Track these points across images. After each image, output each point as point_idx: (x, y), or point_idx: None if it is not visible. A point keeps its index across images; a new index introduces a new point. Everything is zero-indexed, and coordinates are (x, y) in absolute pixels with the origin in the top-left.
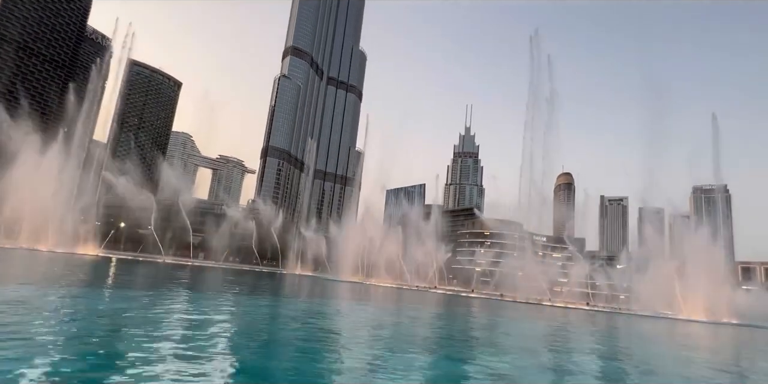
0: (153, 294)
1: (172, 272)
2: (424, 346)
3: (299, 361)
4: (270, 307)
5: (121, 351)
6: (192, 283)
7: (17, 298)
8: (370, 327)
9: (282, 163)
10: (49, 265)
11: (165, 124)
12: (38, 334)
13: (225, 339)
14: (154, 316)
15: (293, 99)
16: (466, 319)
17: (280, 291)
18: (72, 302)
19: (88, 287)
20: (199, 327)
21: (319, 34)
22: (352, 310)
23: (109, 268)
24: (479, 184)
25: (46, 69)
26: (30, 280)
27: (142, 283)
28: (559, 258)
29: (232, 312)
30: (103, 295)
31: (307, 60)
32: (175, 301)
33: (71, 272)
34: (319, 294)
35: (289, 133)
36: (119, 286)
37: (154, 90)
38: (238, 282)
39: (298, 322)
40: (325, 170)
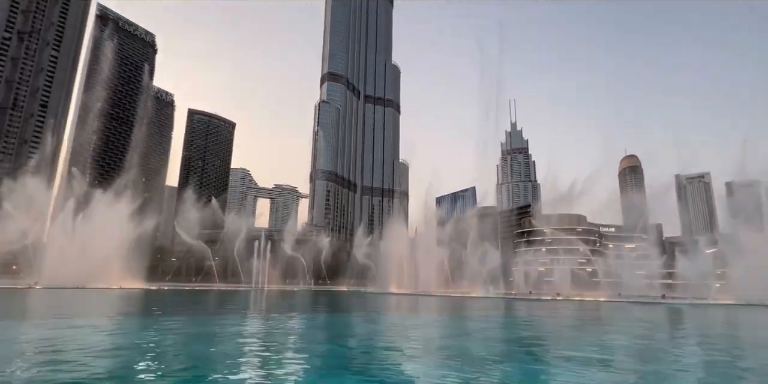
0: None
1: (272, 298)
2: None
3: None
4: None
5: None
6: (326, 305)
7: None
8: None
9: (330, 185)
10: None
11: (224, 163)
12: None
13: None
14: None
15: (334, 122)
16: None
17: (410, 308)
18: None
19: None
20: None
21: (352, 56)
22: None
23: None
24: (533, 180)
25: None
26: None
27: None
28: (632, 248)
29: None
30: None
31: (343, 82)
32: (362, 321)
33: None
34: (455, 310)
35: (334, 155)
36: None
37: (213, 133)
38: (334, 301)
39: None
40: (372, 185)
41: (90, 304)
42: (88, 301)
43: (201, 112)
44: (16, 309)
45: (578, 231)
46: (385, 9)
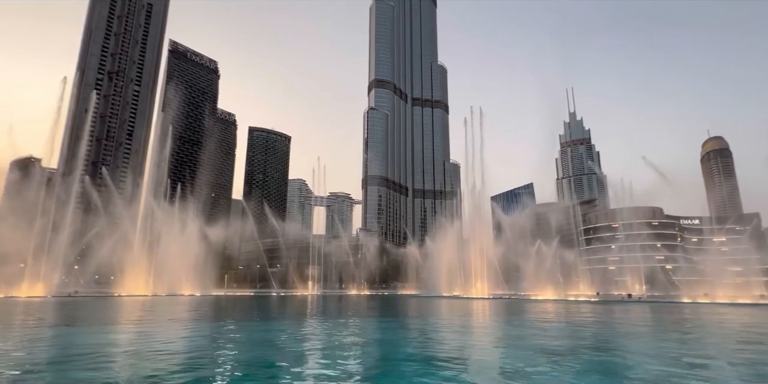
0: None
1: (342, 302)
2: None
3: None
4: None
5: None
6: (382, 309)
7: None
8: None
9: (381, 190)
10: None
11: (283, 175)
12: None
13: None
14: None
15: (383, 128)
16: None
17: (485, 312)
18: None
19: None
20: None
21: (397, 60)
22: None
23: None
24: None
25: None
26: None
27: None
28: (723, 242)
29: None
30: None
31: (389, 88)
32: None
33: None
34: (548, 314)
35: (384, 160)
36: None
37: (271, 148)
38: (397, 306)
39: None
40: (423, 188)
41: (182, 310)
42: (179, 307)
43: (260, 128)
44: (121, 315)
45: (654, 225)
46: (429, 10)
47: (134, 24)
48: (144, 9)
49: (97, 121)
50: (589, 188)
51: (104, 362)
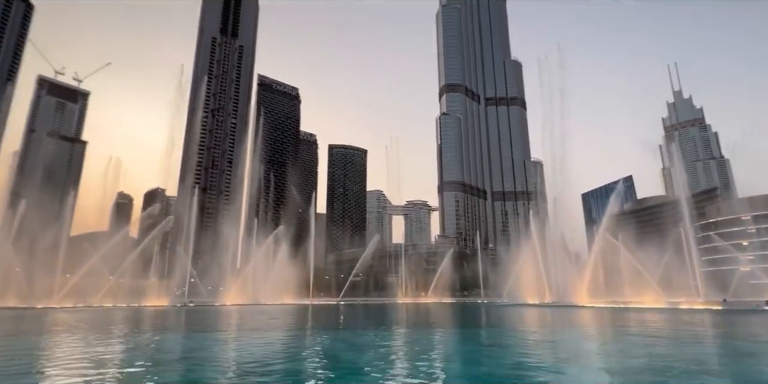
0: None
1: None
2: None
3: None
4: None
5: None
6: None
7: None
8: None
9: (458, 195)
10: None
11: (361, 187)
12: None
13: None
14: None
15: (456, 132)
16: None
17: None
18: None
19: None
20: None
21: (467, 62)
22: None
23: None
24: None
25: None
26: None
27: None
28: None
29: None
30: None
31: (461, 91)
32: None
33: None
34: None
35: (459, 165)
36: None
37: (349, 162)
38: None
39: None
40: (503, 190)
41: (293, 318)
42: (286, 315)
43: (338, 145)
44: (250, 322)
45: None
46: (498, 6)
47: (230, 65)
48: (237, 51)
49: (204, 153)
50: (706, 176)
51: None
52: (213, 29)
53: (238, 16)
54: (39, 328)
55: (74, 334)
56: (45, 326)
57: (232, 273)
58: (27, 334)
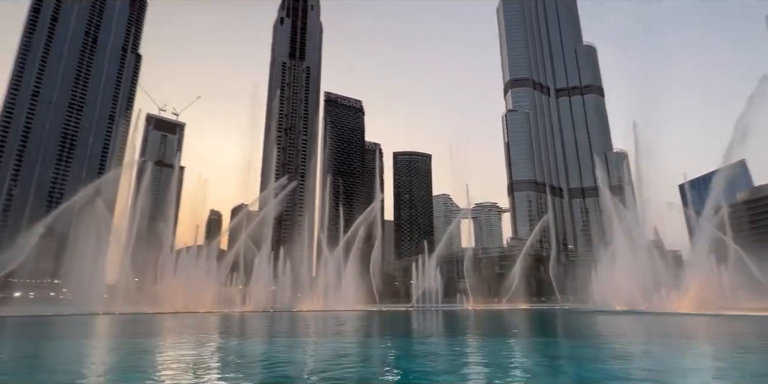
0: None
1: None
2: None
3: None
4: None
5: None
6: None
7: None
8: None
9: (531, 195)
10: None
11: (427, 192)
12: None
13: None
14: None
15: (525, 128)
16: None
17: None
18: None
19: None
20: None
21: (533, 54)
22: None
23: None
24: None
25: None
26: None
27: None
28: None
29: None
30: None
31: (528, 85)
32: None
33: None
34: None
35: (530, 162)
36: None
37: (414, 168)
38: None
39: None
40: (582, 186)
41: (370, 323)
42: (358, 320)
43: (403, 152)
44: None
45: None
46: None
47: (299, 86)
48: (304, 72)
49: (280, 170)
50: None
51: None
52: (283, 55)
53: (304, 40)
54: (149, 330)
55: (201, 336)
56: (158, 329)
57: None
58: (143, 336)
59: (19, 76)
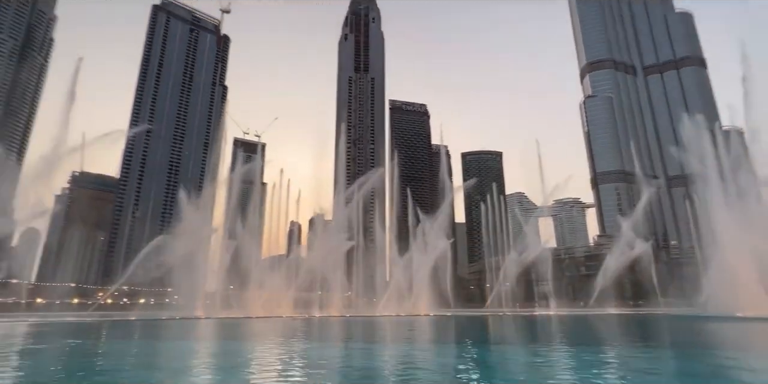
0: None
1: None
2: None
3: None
4: None
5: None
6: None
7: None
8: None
9: (619, 187)
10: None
11: (499, 191)
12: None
13: None
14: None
15: (608, 114)
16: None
17: None
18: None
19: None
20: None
21: (613, 33)
22: None
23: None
24: None
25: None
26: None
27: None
28: None
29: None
30: None
31: (608, 66)
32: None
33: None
34: None
35: (616, 151)
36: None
37: (484, 168)
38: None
39: None
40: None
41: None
42: (432, 325)
43: (471, 152)
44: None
45: None
46: None
47: (365, 97)
48: (369, 83)
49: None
50: None
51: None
52: (348, 70)
53: (367, 53)
54: (240, 333)
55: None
56: (248, 332)
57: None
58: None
59: (137, 115)
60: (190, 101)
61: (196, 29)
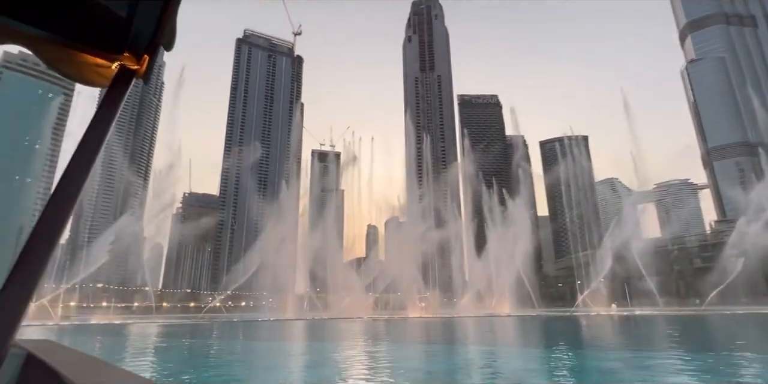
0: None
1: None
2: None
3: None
4: None
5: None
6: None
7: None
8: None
9: (741, 162)
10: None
11: (587, 179)
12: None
13: None
14: None
15: (719, 77)
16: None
17: None
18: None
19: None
20: None
21: None
22: None
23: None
24: None
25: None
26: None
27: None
28: None
29: None
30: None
31: (716, 22)
32: None
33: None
34: None
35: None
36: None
37: (567, 154)
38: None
39: None
40: None
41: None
42: (518, 326)
43: (549, 140)
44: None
45: None
46: None
47: (432, 96)
48: (436, 81)
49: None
50: None
51: None
52: (414, 70)
53: (432, 52)
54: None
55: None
56: (345, 332)
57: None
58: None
59: (230, 140)
60: (272, 121)
61: (273, 54)
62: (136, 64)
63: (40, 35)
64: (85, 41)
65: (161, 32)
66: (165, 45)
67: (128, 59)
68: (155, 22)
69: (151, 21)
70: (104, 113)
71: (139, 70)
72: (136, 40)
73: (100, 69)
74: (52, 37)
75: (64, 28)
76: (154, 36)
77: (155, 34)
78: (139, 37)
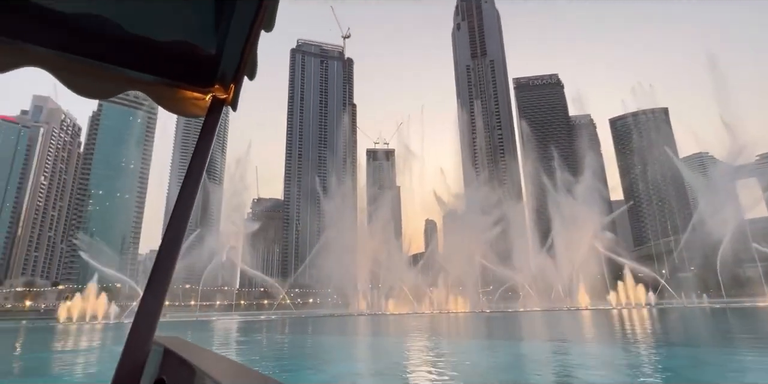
0: None
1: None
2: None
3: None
4: None
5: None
6: None
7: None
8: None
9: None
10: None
11: (668, 157)
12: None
13: None
14: None
15: None
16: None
17: None
18: None
19: None
20: None
21: None
22: None
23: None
24: None
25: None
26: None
27: None
28: None
29: None
30: None
31: None
32: None
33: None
34: None
35: None
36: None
37: (644, 130)
38: None
39: None
40: None
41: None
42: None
43: (621, 116)
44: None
45: None
46: None
47: (486, 83)
48: (489, 67)
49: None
50: None
51: None
52: (465, 58)
53: (483, 37)
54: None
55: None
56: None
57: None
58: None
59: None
60: (327, 124)
61: (325, 60)
62: (225, 94)
63: (151, 80)
64: (184, 80)
65: (244, 64)
66: (248, 75)
67: (218, 90)
68: (239, 56)
69: (236, 55)
70: (204, 141)
71: (227, 98)
72: (224, 73)
73: (197, 101)
74: (160, 80)
75: (168, 71)
76: (239, 68)
77: (239, 66)
78: (227, 70)
